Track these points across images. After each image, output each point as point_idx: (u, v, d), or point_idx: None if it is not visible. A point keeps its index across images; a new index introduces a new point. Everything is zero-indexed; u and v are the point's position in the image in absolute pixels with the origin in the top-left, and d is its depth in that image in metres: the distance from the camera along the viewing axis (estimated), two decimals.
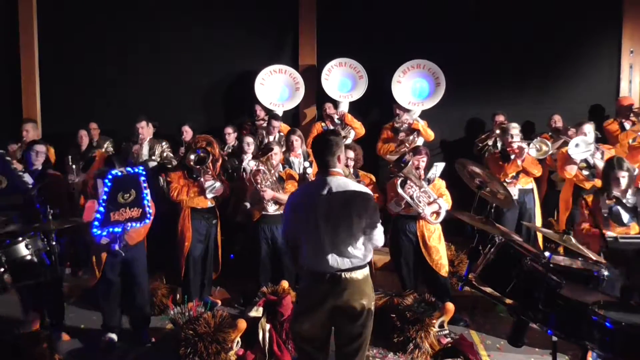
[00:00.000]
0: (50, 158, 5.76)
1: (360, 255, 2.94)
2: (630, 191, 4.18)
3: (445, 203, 4.84)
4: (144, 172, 4.17)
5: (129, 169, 4.15)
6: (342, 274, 2.90)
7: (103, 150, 6.57)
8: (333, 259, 2.89)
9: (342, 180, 3.00)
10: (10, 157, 5.48)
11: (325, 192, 2.94)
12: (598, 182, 4.82)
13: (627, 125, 6.04)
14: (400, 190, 4.70)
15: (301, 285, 3.22)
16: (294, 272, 4.91)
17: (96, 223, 4.06)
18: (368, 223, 2.95)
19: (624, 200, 4.16)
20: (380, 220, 3.05)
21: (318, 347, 3.03)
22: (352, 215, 2.90)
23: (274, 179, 4.98)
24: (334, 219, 2.90)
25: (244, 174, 5.42)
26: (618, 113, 6.27)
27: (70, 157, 6.06)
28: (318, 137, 3.20)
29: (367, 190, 3.08)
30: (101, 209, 4.05)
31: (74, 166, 5.95)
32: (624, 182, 4.17)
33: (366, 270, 3.00)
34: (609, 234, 3.99)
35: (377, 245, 3.06)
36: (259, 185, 4.90)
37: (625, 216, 4.11)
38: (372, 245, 3.02)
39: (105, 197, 4.03)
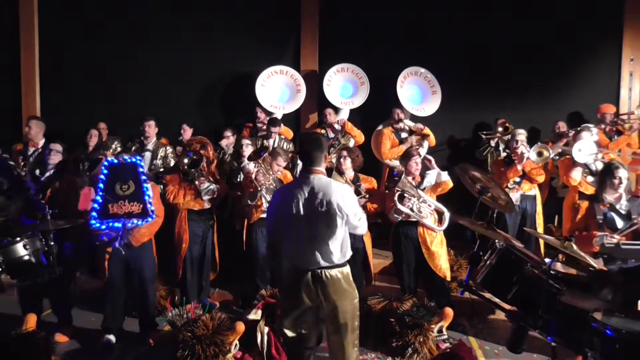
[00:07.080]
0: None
1: (339, 252, 3.09)
2: (624, 198, 4.14)
3: (446, 210, 4.81)
4: (141, 163, 4.12)
5: (125, 157, 4.11)
6: (323, 271, 3.07)
7: (111, 151, 6.49)
8: (313, 256, 3.06)
9: (325, 179, 3.17)
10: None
11: (307, 189, 3.09)
12: None
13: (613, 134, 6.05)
14: (399, 205, 4.65)
15: (283, 282, 3.31)
16: (274, 269, 4.86)
17: (94, 214, 4.03)
18: (350, 215, 3.09)
19: (617, 206, 4.12)
20: (362, 210, 3.26)
21: (305, 342, 3.23)
22: (332, 211, 3.04)
23: (271, 181, 4.96)
24: (314, 216, 3.05)
25: (242, 175, 5.40)
26: (601, 122, 6.24)
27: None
28: (310, 133, 3.34)
29: (347, 185, 3.23)
30: (98, 198, 4.00)
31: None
32: (622, 184, 4.10)
33: (346, 269, 3.15)
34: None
35: (362, 233, 3.30)
36: (261, 185, 4.88)
37: (619, 222, 4.06)
38: (359, 232, 3.23)
39: (102, 185, 3.98)
